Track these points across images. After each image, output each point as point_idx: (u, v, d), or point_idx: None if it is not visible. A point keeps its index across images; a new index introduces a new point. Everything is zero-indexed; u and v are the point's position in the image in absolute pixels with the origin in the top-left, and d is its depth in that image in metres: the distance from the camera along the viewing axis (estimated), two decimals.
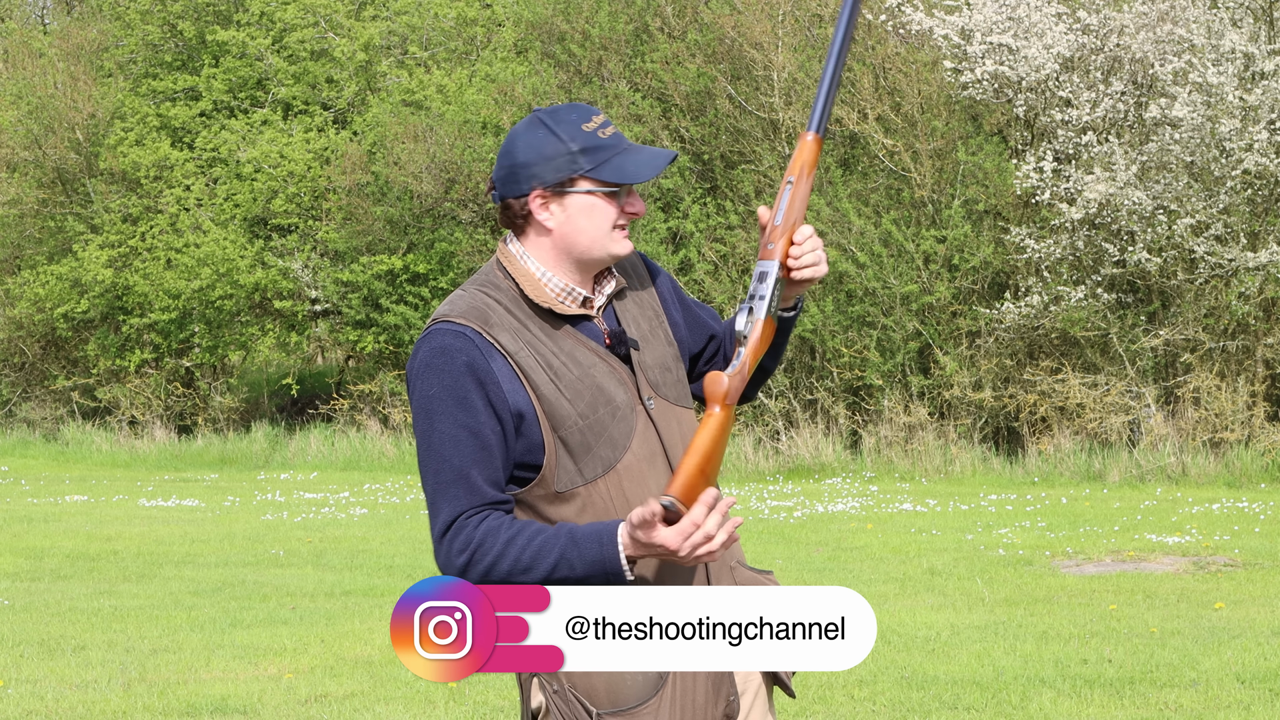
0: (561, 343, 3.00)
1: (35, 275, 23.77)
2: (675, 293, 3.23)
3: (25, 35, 27.51)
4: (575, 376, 2.98)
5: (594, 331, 3.04)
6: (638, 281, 3.16)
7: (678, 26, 19.82)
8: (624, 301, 3.11)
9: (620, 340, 3.03)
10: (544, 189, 2.98)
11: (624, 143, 3.01)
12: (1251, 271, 16.39)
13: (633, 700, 2.92)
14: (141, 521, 14.11)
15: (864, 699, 7.06)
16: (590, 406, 2.96)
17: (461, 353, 2.92)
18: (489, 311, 2.98)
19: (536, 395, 2.95)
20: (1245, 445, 16.29)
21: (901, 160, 17.95)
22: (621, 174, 2.96)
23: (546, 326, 3.00)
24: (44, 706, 7.17)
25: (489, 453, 2.92)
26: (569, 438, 2.95)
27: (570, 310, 3.02)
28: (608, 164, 2.97)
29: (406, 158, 20.59)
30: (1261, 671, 7.37)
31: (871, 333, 17.68)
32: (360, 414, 21.58)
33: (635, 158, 2.98)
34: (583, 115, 3.00)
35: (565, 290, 3.02)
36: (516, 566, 2.86)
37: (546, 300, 3.00)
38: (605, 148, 2.98)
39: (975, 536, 12.15)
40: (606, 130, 2.99)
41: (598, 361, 3.00)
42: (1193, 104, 16.09)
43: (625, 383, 3.01)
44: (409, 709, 7.06)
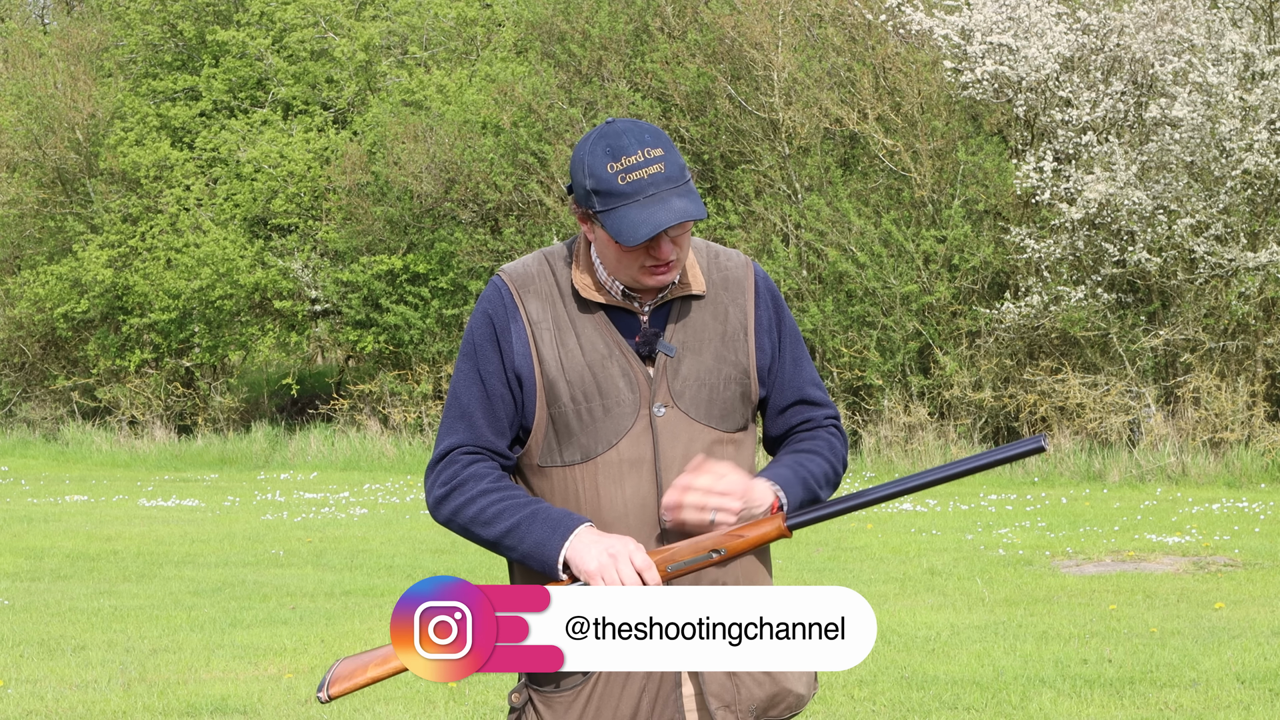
0: (586, 326, 3.00)
1: (35, 275, 23.78)
2: (779, 328, 3.11)
3: (25, 35, 27.53)
4: (584, 362, 2.98)
5: (631, 325, 3.02)
6: (729, 294, 3.08)
7: (678, 26, 19.81)
8: (693, 307, 3.05)
9: (648, 341, 3.00)
10: (577, 210, 3.00)
11: (644, 190, 2.89)
12: (1251, 271, 16.39)
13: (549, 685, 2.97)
14: (141, 521, 14.11)
15: (864, 699, 7.06)
16: (586, 394, 2.97)
17: (490, 304, 3.02)
18: (533, 277, 3.03)
19: (541, 367, 2.98)
20: (1245, 445, 16.29)
21: (901, 160, 17.95)
22: (618, 232, 2.89)
23: (580, 306, 3.02)
24: (44, 706, 7.17)
25: (493, 401, 3.00)
26: (558, 417, 2.98)
27: (608, 300, 3.01)
28: (613, 214, 2.90)
29: (406, 158, 20.59)
30: (1261, 671, 7.37)
31: (871, 333, 17.68)
32: (360, 414, 21.58)
33: (641, 214, 2.88)
34: (614, 153, 2.90)
35: (610, 282, 3.02)
36: (479, 518, 2.95)
37: (588, 285, 3.01)
38: (617, 195, 2.90)
39: (975, 536, 12.16)
40: (632, 174, 2.89)
41: (615, 354, 2.99)
42: (1193, 104, 16.09)
43: (638, 383, 2.98)
44: (409, 709, 7.06)
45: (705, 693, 2.96)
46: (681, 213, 2.87)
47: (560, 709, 2.96)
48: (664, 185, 2.89)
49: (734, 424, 3.05)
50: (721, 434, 3.02)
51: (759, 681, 3.00)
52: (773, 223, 18.47)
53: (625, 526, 2.95)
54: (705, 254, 3.11)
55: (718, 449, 3.00)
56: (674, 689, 2.96)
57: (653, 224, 2.86)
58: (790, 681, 3.03)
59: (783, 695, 3.03)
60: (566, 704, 2.96)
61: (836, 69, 18.71)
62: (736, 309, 3.07)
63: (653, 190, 2.89)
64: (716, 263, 3.11)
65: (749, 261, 3.14)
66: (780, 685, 3.02)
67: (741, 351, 3.05)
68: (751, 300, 3.08)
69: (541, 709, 2.98)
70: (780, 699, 3.03)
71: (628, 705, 2.95)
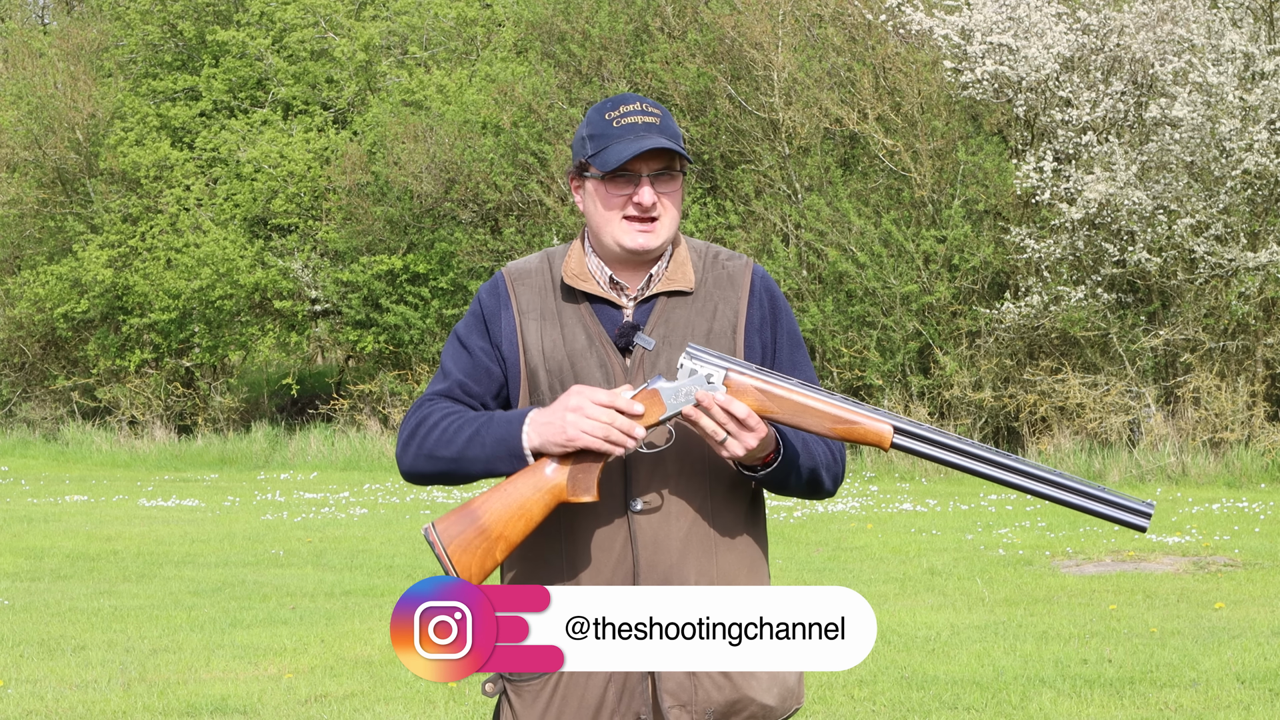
0: (570, 317, 3.03)
1: (35, 275, 23.78)
2: (773, 328, 3.10)
3: (25, 35, 27.52)
4: (565, 352, 3.01)
5: (612, 318, 3.04)
6: (721, 293, 3.08)
7: (678, 26, 19.82)
8: (678, 303, 3.05)
9: (625, 333, 3.00)
10: (572, 174, 3.07)
11: (635, 131, 2.96)
12: (1251, 271, 16.39)
13: (518, 674, 2.97)
14: (141, 521, 14.11)
15: (864, 699, 7.06)
16: (563, 384, 2.99)
17: (485, 293, 3.10)
18: (530, 272, 3.09)
19: (525, 356, 3.03)
20: (1245, 445, 16.29)
21: (901, 160, 17.95)
22: (604, 163, 2.95)
23: (566, 297, 3.05)
24: (44, 706, 7.17)
25: (475, 368, 3.05)
26: (537, 403, 3.01)
27: (591, 289, 3.03)
28: (604, 151, 2.97)
29: (406, 158, 20.59)
30: (1261, 671, 7.37)
31: (871, 333, 17.68)
32: (360, 414, 21.58)
33: (626, 146, 2.94)
34: (613, 104, 3.01)
35: (598, 269, 3.05)
36: (441, 439, 2.96)
37: (573, 275, 3.04)
38: (608, 135, 2.97)
39: (975, 536, 12.16)
40: (625, 119, 2.96)
41: (596, 346, 3.01)
42: (1193, 104, 16.09)
43: (612, 374, 2.99)
44: (409, 709, 7.06)
45: (660, 689, 2.93)
46: (664, 143, 2.93)
47: (529, 697, 2.98)
48: (654, 131, 2.97)
49: None
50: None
51: (718, 685, 2.95)
52: (773, 223, 18.48)
53: (595, 514, 2.96)
54: (704, 254, 3.11)
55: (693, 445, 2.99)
56: (641, 679, 2.95)
57: (635, 148, 2.92)
58: (754, 690, 2.96)
59: (744, 703, 2.96)
60: (535, 692, 2.97)
61: (836, 69, 18.71)
62: (727, 307, 3.06)
63: (643, 132, 2.96)
64: (715, 262, 3.11)
65: (752, 263, 3.13)
66: (742, 692, 2.96)
67: (727, 349, 3.04)
68: (745, 299, 3.08)
69: (512, 697, 3.00)
70: (741, 707, 2.96)
71: (594, 695, 2.95)
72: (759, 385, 2.87)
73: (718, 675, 2.95)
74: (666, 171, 2.98)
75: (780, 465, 2.94)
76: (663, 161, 2.98)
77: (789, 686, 3.02)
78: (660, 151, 2.96)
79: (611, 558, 2.96)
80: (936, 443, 2.85)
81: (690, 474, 3.00)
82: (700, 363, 2.87)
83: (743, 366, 2.88)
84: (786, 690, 3.02)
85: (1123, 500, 2.82)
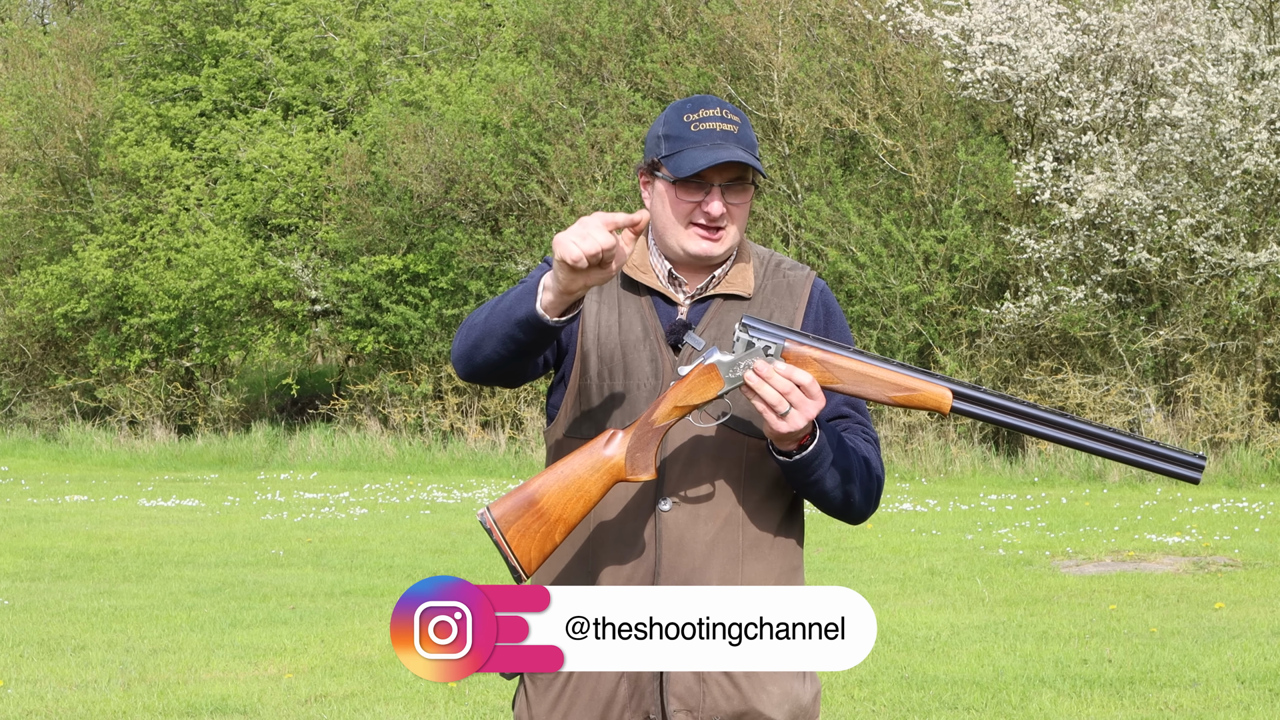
0: (630, 306, 3.02)
1: (35, 275, 23.78)
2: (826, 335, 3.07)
3: (25, 35, 27.52)
4: (619, 340, 3.00)
5: (668, 314, 3.03)
6: (778, 300, 3.05)
7: (678, 26, 19.82)
8: (733, 307, 3.03)
9: (675, 331, 2.99)
10: (642, 170, 3.03)
11: (712, 138, 2.93)
12: (1251, 271, 16.39)
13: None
14: (141, 521, 14.11)
15: (864, 699, 7.06)
16: (611, 372, 2.98)
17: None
18: None
19: (583, 337, 3.00)
20: (1245, 445, 16.29)
21: (901, 160, 17.95)
22: (677, 167, 2.92)
23: (628, 286, 3.04)
24: (44, 706, 7.17)
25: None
26: (584, 389, 2.99)
27: (650, 282, 3.02)
28: (678, 155, 2.94)
29: (406, 158, 20.59)
30: (1261, 671, 7.37)
31: (871, 333, 17.68)
32: (360, 414, 21.58)
33: (703, 153, 2.91)
34: (693, 106, 2.97)
35: (659, 264, 3.03)
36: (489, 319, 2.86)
37: (634, 266, 3.02)
38: (685, 139, 2.94)
39: (975, 536, 12.15)
40: (704, 124, 2.94)
41: (650, 340, 3.00)
42: (1193, 104, 16.09)
43: (662, 370, 2.98)
44: (409, 709, 7.06)
45: (668, 692, 2.92)
46: (741, 156, 2.89)
47: (542, 686, 3.00)
48: (731, 140, 2.93)
49: (754, 428, 2.98)
50: (736, 432, 2.97)
51: (726, 694, 2.93)
52: (773, 223, 18.48)
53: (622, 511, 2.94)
54: (767, 262, 3.10)
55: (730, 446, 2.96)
56: (652, 679, 2.94)
57: (711, 158, 2.88)
58: (763, 704, 2.94)
59: (752, 716, 2.93)
60: (548, 682, 2.99)
61: (836, 69, 18.71)
62: (782, 315, 3.04)
63: (720, 140, 2.93)
64: (777, 270, 3.09)
65: (813, 275, 3.11)
66: (750, 704, 2.93)
67: None
68: (802, 308, 3.06)
69: (529, 685, 3.03)
70: (749, 719, 2.94)
71: (605, 689, 2.96)
72: (818, 355, 2.85)
73: (727, 684, 2.93)
74: (739, 182, 2.96)
75: (816, 447, 2.88)
76: (736, 172, 2.95)
77: (802, 705, 2.99)
78: (735, 162, 2.93)
79: (633, 557, 2.94)
80: (995, 405, 2.87)
81: (726, 475, 2.96)
82: (757, 334, 2.85)
83: (800, 336, 2.87)
84: (799, 708, 2.98)
85: (1177, 454, 2.87)
